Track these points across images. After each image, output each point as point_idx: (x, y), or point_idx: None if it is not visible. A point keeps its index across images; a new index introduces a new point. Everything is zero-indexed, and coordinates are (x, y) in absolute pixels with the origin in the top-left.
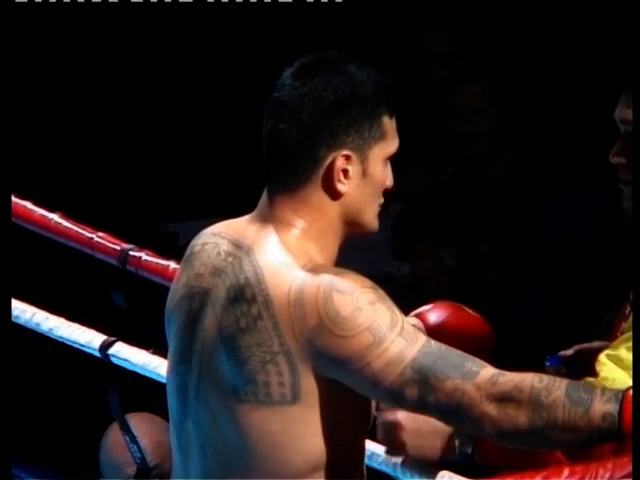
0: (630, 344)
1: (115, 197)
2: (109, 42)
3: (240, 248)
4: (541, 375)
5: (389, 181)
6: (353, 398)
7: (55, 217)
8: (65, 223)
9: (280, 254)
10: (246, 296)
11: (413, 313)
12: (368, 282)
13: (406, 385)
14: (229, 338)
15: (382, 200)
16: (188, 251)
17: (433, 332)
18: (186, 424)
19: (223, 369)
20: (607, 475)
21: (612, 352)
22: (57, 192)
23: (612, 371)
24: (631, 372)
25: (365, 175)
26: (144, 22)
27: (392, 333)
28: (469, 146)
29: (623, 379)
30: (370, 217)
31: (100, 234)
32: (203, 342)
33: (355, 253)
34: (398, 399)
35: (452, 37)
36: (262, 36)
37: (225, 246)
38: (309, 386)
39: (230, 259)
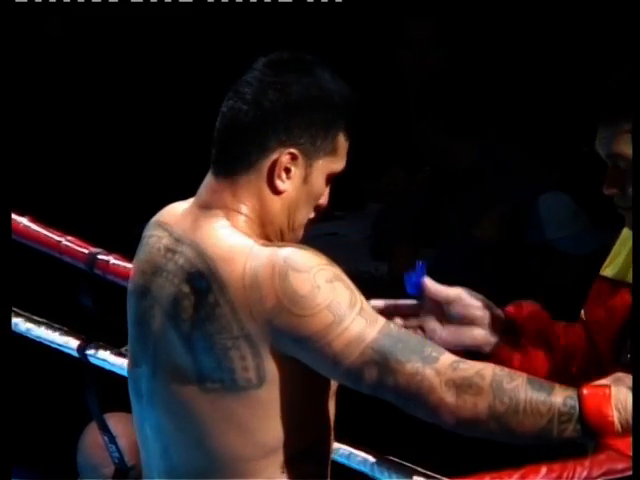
0: None
1: (88, 199)
2: (89, 43)
3: (181, 242)
4: (502, 366)
5: (324, 199)
6: (317, 377)
7: (24, 220)
8: (34, 226)
9: (228, 239)
10: (201, 287)
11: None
12: (324, 258)
13: (366, 366)
14: (188, 332)
15: (312, 215)
16: (141, 241)
17: None
18: (144, 429)
19: (184, 364)
20: (584, 473)
21: None
22: (27, 196)
23: None
24: None
25: (306, 182)
26: (136, 22)
27: (352, 312)
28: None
29: None
30: (297, 224)
31: (69, 238)
32: (155, 344)
33: (333, 252)
34: (357, 380)
35: (434, 24)
36: (257, 36)
37: (166, 240)
38: (273, 367)
39: (169, 255)
